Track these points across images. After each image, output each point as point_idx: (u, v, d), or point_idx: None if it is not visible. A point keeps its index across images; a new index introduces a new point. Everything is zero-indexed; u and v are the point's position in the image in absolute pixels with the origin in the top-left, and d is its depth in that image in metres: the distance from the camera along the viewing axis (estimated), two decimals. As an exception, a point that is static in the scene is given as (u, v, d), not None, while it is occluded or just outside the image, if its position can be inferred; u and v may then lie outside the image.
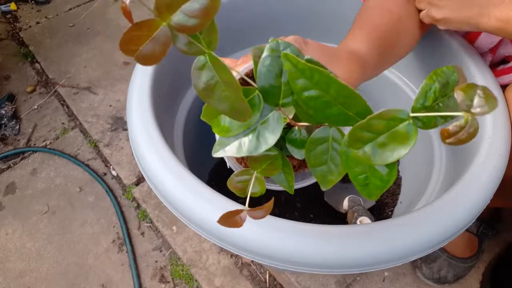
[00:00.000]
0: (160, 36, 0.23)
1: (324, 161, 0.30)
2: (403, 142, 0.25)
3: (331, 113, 0.27)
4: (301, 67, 0.27)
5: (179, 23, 0.23)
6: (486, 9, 0.47)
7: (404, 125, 0.25)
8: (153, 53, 0.23)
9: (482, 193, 0.46)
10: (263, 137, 0.31)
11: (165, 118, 0.63)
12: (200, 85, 0.27)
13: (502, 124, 0.51)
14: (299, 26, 0.79)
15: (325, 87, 0.26)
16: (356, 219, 0.65)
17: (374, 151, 0.25)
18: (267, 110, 0.31)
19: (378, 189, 0.28)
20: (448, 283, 0.79)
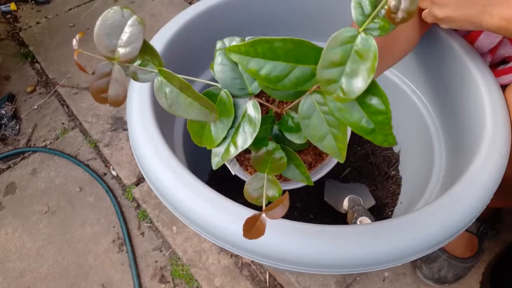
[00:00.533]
0: (116, 75, 0.27)
1: (324, 132, 0.30)
2: (368, 56, 0.24)
3: (295, 76, 0.27)
4: (244, 49, 0.27)
5: (123, 55, 0.26)
6: (488, 8, 0.47)
7: (359, 41, 0.24)
8: (118, 94, 0.27)
9: (482, 193, 0.46)
10: (248, 129, 0.31)
11: (165, 118, 0.63)
12: (167, 103, 0.29)
13: (502, 124, 0.51)
14: (299, 26, 0.79)
15: (272, 53, 0.26)
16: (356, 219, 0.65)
17: (349, 82, 0.24)
18: (242, 103, 0.32)
19: (385, 125, 0.26)
20: (448, 283, 0.79)
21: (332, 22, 0.78)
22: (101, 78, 0.27)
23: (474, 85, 0.56)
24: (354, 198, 0.72)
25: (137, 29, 0.26)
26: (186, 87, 0.28)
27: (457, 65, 0.59)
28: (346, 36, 0.24)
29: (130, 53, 0.26)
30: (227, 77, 0.31)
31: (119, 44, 0.26)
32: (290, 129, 0.34)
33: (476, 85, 0.55)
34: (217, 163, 0.33)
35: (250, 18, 0.75)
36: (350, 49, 0.24)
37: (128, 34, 0.26)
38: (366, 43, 0.24)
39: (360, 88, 0.24)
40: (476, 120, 0.54)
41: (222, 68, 0.31)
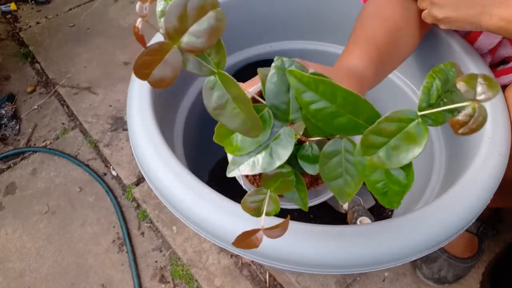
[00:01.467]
0: (171, 58, 0.24)
1: (339, 174, 0.30)
2: (415, 141, 0.25)
3: (340, 123, 0.27)
4: (306, 80, 0.27)
5: (188, 44, 0.24)
6: (488, 8, 0.47)
7: (414, 125, 0.25)
8: (164, 76, 0.24)
9: (482, 193, 0.46)
10: (275, 153, 0.31)
11: (165, 118, 0.63)
12: (211, 105, 0.28)
13: (502, 124, 0.51)
14: (299, 25, 0.79)
15: (331, 96, 0.27)
16: (356, 219, 0.65)
17: (388, 154, 0.25)
18: (278, 126, 0.32)
19: (397, 195, 0.28)
20: (448, 283, 0.79)
21: (332, 21, 0.78)
22: (152, 55, 0.24)
23: (474, 85, 0.56)
24: (354, 198, 0.72)
25: (219, 24, 0.23)
26: (243, 99, 0.28)
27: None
28: (406, 116, 0.25)
29: (199, 46, 0.24)
30: (276, 98, 0.31)
31: (191, 30, 0.23)
32: (307, 158, 0.34)
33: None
34: (233, 172, 0.33)
35: (250, 17, 0.75)
36: (403, 128, 0.25)
37: (206, 25, 0.23)
38: (419, 130, 0.25)
39: (397, 164, 0.25)
40: (476, 120, 0.54)
41: (274, 88, 0.31)
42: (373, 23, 0.54)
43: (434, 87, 0.25)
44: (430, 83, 0.25)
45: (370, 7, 0.56)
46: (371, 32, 0.52)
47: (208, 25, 0.24)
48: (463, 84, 0.22)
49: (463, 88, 0.22)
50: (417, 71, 0.71)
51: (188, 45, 0.24)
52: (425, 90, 0.25)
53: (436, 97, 0.25)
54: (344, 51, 0.51)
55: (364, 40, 0.51)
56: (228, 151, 0.33)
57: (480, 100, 0.21)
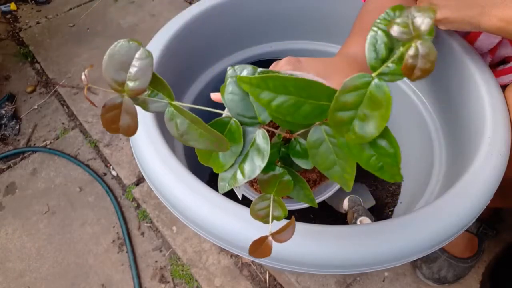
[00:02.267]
0: (127, 107, 0.27)
1: (332, 162, 0.30)
2: (381, 104, 0.24)
3: (305, 111, 0.27)
4: (255, 82, 0.27)
5: (132, 89, 0.26)
6: (487, 9, 0.47)
7: (372, 87, 0.24)
8: (130, 123, 0.27)
9: (482, 193, 0.46)
10: (255, 158, 0.31)
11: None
12: (178, 132, 0.29)
13: (502, 124, 0.51)
14: (299, 25, 0.79)
15: (284, 88, 0.26)
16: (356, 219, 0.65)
17: (361, 126, 0.24)
18: (251, 132, 0.32)
19: (393, 166, 0.27)
20: (448, 283, 0.79)
21: (332, 21, 0.78)
22: (111, 111, 0.27)
23: (474, 85, 0.56)
24: (354, 198, 0.72)
25: (146, 63, 0.26)
26: (197, 121, 0.29)
27: (457, 65, 0.59)
28: (361, 81, 0.24)
29: (139, 86, 0.26)
30: (238, 106, 0.31)
31: (128, 77, 0.26)
32: (298, 154, 0.34)
33: (476, 85, 0.55)
34: (223, 188, 0.33)
35: (250, 17, 0.75)
36: (364, 94, 0.24)
37: (136, 68, 0.26)
38: (379, 90, 0.24)
39: (372, 133, 0.24)
40: (476, 120, 0.54)
41: (232, 97, 0.31)
42: (375, 17, 0.53)
43: (380, 41, 0.24)
44: (373, 37, 0.24)
45: (372, 4, 0.56)
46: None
47: (138, 69, 0.26)
48: (396, 27, 0.20)
49: (397, 31, 0.20)
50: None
51: (132, 90, 0.26)
52: (370, 46, 0.24)
53: (386, 51, 0.24)
54: (346, 42, 0.51)
55: (366, 31, 0.51)
56: (216, 171, 0.33)
57: (421, 31, 0.19)
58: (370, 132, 0.24)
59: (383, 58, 0.24)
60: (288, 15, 0.77)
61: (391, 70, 0.23)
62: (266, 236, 0.30)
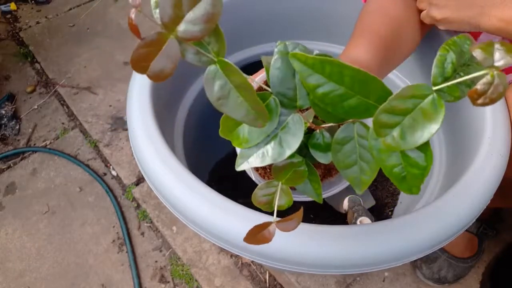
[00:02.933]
0: (168, 49, 0.23)
1: (353, 162, 0.29)
2: (431, 118, 0.23)
3: (349, 105, 0.26)
4: (311, 62, 0.26)
5: (185, 32, 0.23)
6: (487, 9, 0.47)
7: (428, 101, 0.23)
8: (163, 68, 0.23)
9: (482, 193, 0.46)
10: (285, 142, 0.30)
11: (165, 118, 0.63)
12: (214, 95, 0.26)
13: (502, 124, 0.51)
14: (300, 25, 0.79)
15: (339, 77, 0.25)
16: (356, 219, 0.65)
17: (403, 134, 0.24)
18: (285, 114, 0.30)
19: (417, 178, 0.26)
20: (448, 283, 0.79)
21: (333, 21, 0.78)
22: (149, 47, 0.23)
23: (474, 85, 0.56)
24: (354, 198, 0.72)
25: (215, 9, 0.22)
26: (246, 88, 0.26)
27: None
28: (420, 92, 0.24)
29: (196, 33, 0.23)
30: (281, 85, 0.29)
31: (187, 17, 0.23)
32: (318, 147, 0.32)
33: (476, 85, 0.55)
34: (243, 166, 0.31)
35: (250, 17, 0.75)
36: (417, 104, 0.24)
37: (202, 11, 0.22)
38: (434, 106, 0.23)
39: (414, 143, 0.24)
40: (476, 120, 0.54)
41: (278, 74, 0.29)
42: (376, 18, 0.53)
43: (449, 60, 0.24)
44: (443, 56, 0.24)
45: (373, 5, 0.56)
46: (375, 26, 0.52)
47: (204, 11, 0.23)
48: (480, 51, 0.20)
49: (480, 55, 0.20)
50: (418, 71, 0.71)
51: (185, 34, 0.23)
52: (438, 63, 0.24)
53: (451, 70, 0.24)
54: (349, 44, 0.51)
55: (368, 33, 0.51)
56: (235, 144, 0.31)
57: (499, 66, 0.20)
58: (410, 142, 0.24)
59: (446, 77, 0.24)
60: (288, 15, 0.77)
61: (449, 91, 0.24)
62: (269, 222, 0.29)
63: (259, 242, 0.29)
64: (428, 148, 0.25)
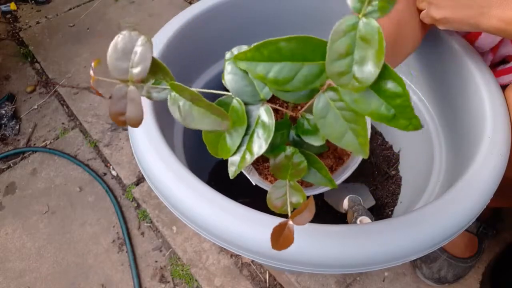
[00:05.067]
0: (132, 95, 0.27)
1: (342, 128, 0.29)
2: (374, 39, 0.23)
3: (304, 75, 0.26)
4: (250, 54, 0.27)
5: (135, 75, 0.27)
6: (486, 9, 0.47)
7: (362, 27, 0.23)
8: (136, 113, 0.28)
9: (482, 193, 0.46)
10: (262, 135, 0.31)
11: (165, 118, 0.63)
12: (181, 117, 0.29)
13: (502, 124, 0.51)
14: (300, 25, 0.79)
15: (278, 54, 0.26)
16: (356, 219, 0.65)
17: (360, 69, 0.24)
18: (255, 110, 0.32)
19: (405, 108, 0.25)
20: (448, 283, 0.79)
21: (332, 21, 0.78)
22: (118, 101, 0.28)
23: (474, 85, 0.56)
24: (354, 198, 0.72)
25: (145, 48, 0.27)
26: (197, 98, 0.29)
27: (457, 65, 0.59)
28: (348, 24, 0.24)
29: (141, 72, 0.27)
30: (238, 86, 0.31)
31: (131, 65, 0.27)
32: (307, 132, 0.33)
33: (476, 85, 0.55)
34: (233, 172, 0.33)
35: (251, 16, 0.75)
36: (355, 36, 0.24)
37: (138, 55, 0.27)
38: (368, 27, 0.23)
39: (373, 73, 0.24)
40: (476, 120, 0.54)
41: (232, 77, 0.31)
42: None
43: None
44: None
45: None
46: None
47: (139, 53, 0.27)
48: None
49: None
50: (417, 71, 0.71)
51: (136, 76, 0.27)
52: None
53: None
54: None
55: None
56: (224, 157, 0.33)
57: None
58: (371, 72, 0.24)
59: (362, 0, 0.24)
60: (288, 15, 0.77)
61: (375, 7, 0.23)
62: (286, 221, 0.29)
63: (285, 245, 0.29)
64: (392, 72, 0.25)
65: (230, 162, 0.33)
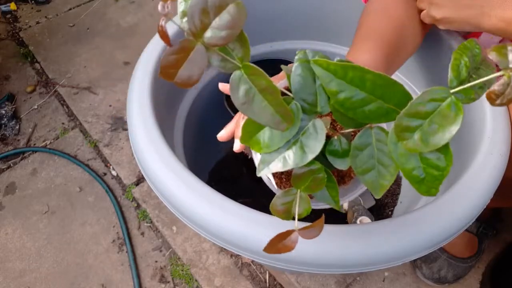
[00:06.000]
0: (196, 56, 0.24)
1: (371, 166, 0.29)
2: (450, 120, 0.24)
3: (370, 109, 0.26)
4: (333, 68, 0.26)
5: (212, 38, 0.24)
6: (487, 9, 0.47)
7: (447, 103, 0.24)
8: (191, 75, 0.25)
9: (482, 193, 0.46)
10: (307, 147, 0.30)
11: (165, 118, 0.63)
12: (239, 100, 0.27)
13: (502, 124, 0.51)
14: (300, 24, 0.79)
15: (360, 82, 0.26)
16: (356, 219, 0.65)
17: (424, 137, 0.25)
18: (305, 119, 0.31)
19: (436, 179, 0.27)
20: (448, 283, 0.79)
21: (332, 21, 0.78)
22: (177, 54, 0.24)
23: (474, 85, 0.56)
24: (354, 198, 0.72)
25: (240, 14, 0.24)
26: (271, 91, 0.27)
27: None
28: (438, 96, 0.25)
29: (226, 37, 0.24)
30: (302, 90, 0.31)
31: (214, 24, 0.24)
32: (336, 153, 0.33)
33: (476, 85, 0.55)
34: (264, 171, 0.32)
35: (250, 17, 0.75)
36: (437, 107, 0.25)
37: (228, 18, 0.24)
38: (454, 107, 0.24)
39: (434, 145, 0.25)
40: (476, 120, 0.54)
41: (299, 79, 0.31)
42: (379, 20, 0.53)
43: (463, 64, 0.25)
44: (458, 60, 0.25)
45: (374, 5, 0.56)
46: (379, 28, 0.52)
47: (229, 17, 0.24)
48: (495, 54, 0.22)
49: (495, 57, 0.21)
50: (417, 71, 0.71)
51: (211, 40, 0.24)
52: (454, 67, 0.25)
53: (465, 74, 0.25)
54: (353, 48, 0.50)
55: (372, 35, 0.51)
56: (256, 150, 0.32)
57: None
58: (431, 145, 0.25)
59: (462, 80, 0.25)
60: (288, 14, 0.77)
61: (466, 93, 0.24)
62: (291, 230, 0.29)
63: (281, 251, 0.29)
64: (448, 149, 0.26)
65: (263, 159, 0.32)
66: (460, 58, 0.25)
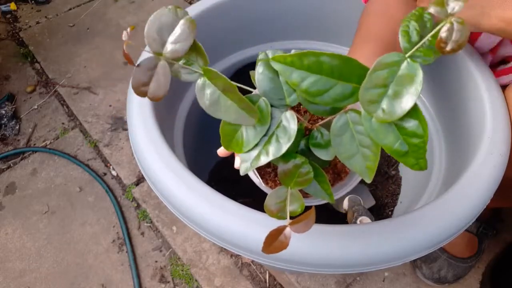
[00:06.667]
0: (161, 70, 0.27)
1: (354, 150, 0.30)
2: (412, 81, 0.25)
3: (335, 92, 0.27)
4: (290, 60, 0.27)
5: (171, 52, 0.27)
6: (487, 9, 0.47)
7: (405, 66, 0.25)
8: (159, 88, 0.28)
9: (482, 193, 0.46)
10: (282, 138, 0.31)
11: (165, 118, 0.63)
12: (206, 103, 0.29)
13: (502, 124, 0.51)
14: (301, 24, 0.79)
15: (317, 67, 0.27)
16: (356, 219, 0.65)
17: (391, 104, 0.25)
18: (278, 113, 0.32)
19: (419, 148, 0.27)
20: (448, 283, 0.79)
21: (332, 21, 0.78)
22: (145, 72, 0.27)
23: (474, 85, 0.56)
24: (354, 198, 0.72)
25: (189, 28, 0.27)
26: (230, 89, 0.29)
27: (457, 65, 0.59)
28: (392, 60, 0.25)
29: (179, 50, 0.27)
30: (267, 87, 0.32)
31: (169, 40, 0.27)
32: (319, 145, 0.34)
33: (476, 85, 0.55)
34: (246, 168, 0.33)
35: (251, 16, 0.75)
36: (395, 72, 0.25)
37: (179, 32, 0.27)
38: (412, 69, 0.25)
39: (402, 110, 0.25)
40: (476, 120, 0.54)
41: (262, 77, 0.32)
42: (379, 22, 0.53)
43: (412, 28, 0.25)
44: (406, 26, 0.26)
45: (374, 6, 0.56)
46: (379, 29, 0.52)
47: (181, 31, 0.27)
48: (434, 6, 0.22)
49: (435, 10, 0.22)
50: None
51: (171, 54, 0.27)
52: (403, 33, 0.25)
53: (417, 37, 0.25)
54: (353, 48, 0.50)
55: (372, 37, 0.51)
56: (237, 151, 0.33)
57: (454, 12, 0.22)
58: (400, 109, 0.25)
59: (415, 42, 0.25)
60: (288, 15, 0.77)
61: (424, 52, 0.25)
62: (284, 226, 0.29)
63: (277, 249, 0.29)
64: (419, 113, 0.26)
65: (243, 158, 0.33)
66: (408, 23, 0.26)
